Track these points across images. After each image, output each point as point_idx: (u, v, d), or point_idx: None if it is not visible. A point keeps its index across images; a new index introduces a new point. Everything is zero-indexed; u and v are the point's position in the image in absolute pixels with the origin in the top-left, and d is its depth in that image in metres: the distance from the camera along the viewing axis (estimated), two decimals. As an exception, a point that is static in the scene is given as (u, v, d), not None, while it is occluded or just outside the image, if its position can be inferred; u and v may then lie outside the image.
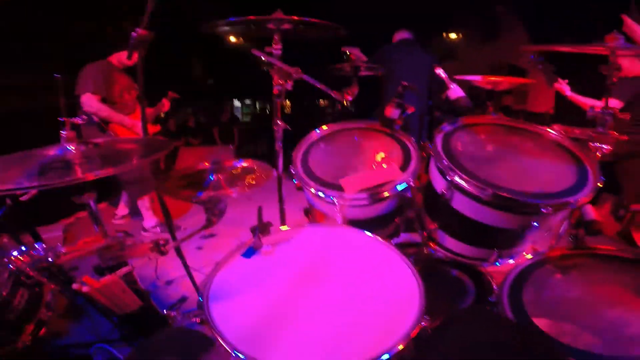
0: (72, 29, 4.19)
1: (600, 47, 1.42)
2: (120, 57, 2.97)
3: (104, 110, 2.85)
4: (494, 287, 1.62)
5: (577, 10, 4.65)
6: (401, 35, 3.74)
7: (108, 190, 3.49)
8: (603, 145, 1.46)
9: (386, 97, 3.35)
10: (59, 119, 1.23)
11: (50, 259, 1.21)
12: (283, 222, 1.83)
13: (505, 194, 1.15)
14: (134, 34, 1.39)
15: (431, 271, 1.59)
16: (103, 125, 2.88)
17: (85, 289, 1.13)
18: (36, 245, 1.23)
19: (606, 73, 1.44)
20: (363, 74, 1.88)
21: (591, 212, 1.34)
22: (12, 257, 1.17)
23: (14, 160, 1.17)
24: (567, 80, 2.88)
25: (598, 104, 1.43)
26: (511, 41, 6.37)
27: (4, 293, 1.14)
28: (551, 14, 5.18)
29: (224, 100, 7.72)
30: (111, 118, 2.89)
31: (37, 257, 1.21)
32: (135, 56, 1.47)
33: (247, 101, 8.31)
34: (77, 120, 1.28)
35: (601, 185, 1.21)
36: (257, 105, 8.30)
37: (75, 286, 1.14)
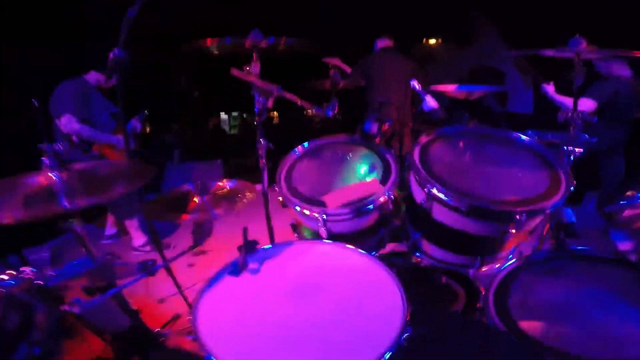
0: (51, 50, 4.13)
1: (564, 52, 1.48)
2: (97, 77, 2.89)
3: (86, 131, 2.75)
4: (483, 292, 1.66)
5: (549, 13, 4.80)
6: (382, 43, 3.80)
7: (94, 212, 3.45)
8: (575, 149, 1.52)
9: (369, 107, 3.39)
10: (39, 145, 1.22)
11: (39, 282, 1.21)
12: (271, 238, 1.85)
13: (480, 204, 1.19)
14: (110, 55, 1.40)
15: (421, 279, 1.61)
16: (86, 147, 2.79)
17: (75, 309, 1.14)
18: (25, 269, 1.23)
19: (572, 77, 1.50)
20: (342, 88, 1.92)
21: (568, 215, 1.39)
22: (1, 281, 1.17)
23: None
24: (552, 82, 2.91)
25: (571, 103, 1.47)
26: (488, 45, 6.53)
27: None
28: (524, 17, 5.33)
29: (211, 113, 7.71)
30: (94, 138, 2.81)
31: (26, 280, 1.21)
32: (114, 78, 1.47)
33: (235, 113, 8.31)
34: (58, 148, 1.27)
35: (573, 189, 1.26)
36: (245, 118, 8.30)
37: (64, 308, 1.14)
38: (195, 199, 1.37)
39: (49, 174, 1.18)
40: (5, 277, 1.20)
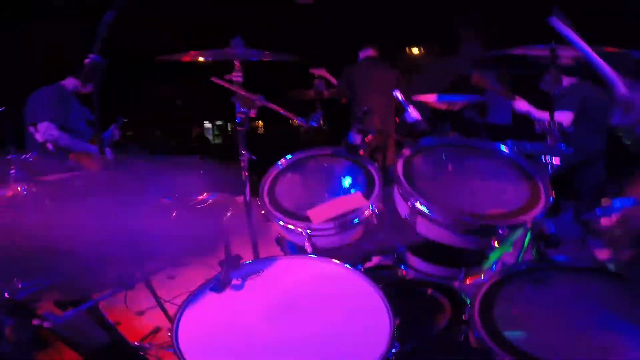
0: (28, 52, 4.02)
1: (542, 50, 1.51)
2: (74, 83, 2.84)
3: (64, 139, 2.69)
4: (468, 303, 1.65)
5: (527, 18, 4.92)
6: (365, 53, 3.83)
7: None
8: (553, 158, 1.55)
9: (352, 118, 3.40)
10: (6, 157, 1.17)
11: (6, 296, 1.16)
12: (255, 251, 1.81)
13: (464, 219, 1.20)
14: (87, 60, 1.36)
15: (407, 291, 1.61)
16: (61, 154, 2.72)
17: (46, 324, 1.09)
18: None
19: (547, 89, 1.53)
20: (326, 98, 1.92)
21: (550, 226, 1.41)
22: None
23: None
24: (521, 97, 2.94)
25: (547, 116, 1.51)
26: (469, 54, 6.66)
27: None
28: (503, 23, 5.45)
29: (193, 122, 7.63)
30: (72, 147, 2.74)
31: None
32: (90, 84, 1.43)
33: (218, 122, 8.24)
34: (28, 159, 1.23)
35: (552, 201, 1.28)
36: (229, 127, 8.24)
37: (35, 322, 1.09)
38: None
39: (16, 187, 1.13)
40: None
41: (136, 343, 1.72)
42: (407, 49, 7.82)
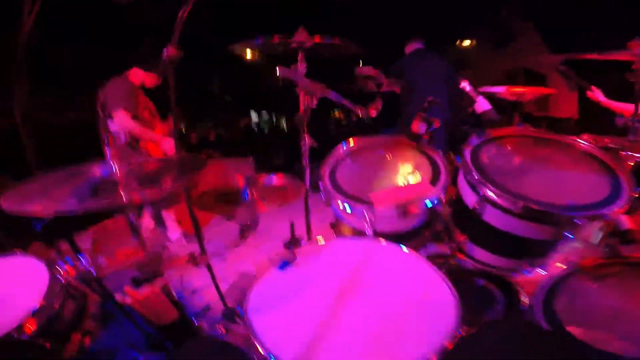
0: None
1: (625, 54, 1.42)
2: (140, 75, 2.94)
3: (137, 128, 2.81)
4: (521, 296, 1.60)
5: (590, 15, 4.58)
6: (413, 46, 3.73)
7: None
8: (635, 154, 1.45)
9: (407, 110, 3.33)
10: (102, 137, 1.28)
11: (93, 272, 1.27)
12: (309, 236, 1.86)
13: (537, 207, 1.15)
14: (164, 54, 1.41)
15: (457, 281, 1.59)
16: (134, 143, 2.85)
17: (128, 300, 1.18)
18: (80, 258, 1.28)
19: (634, 80, 1.43)
20: (385, 90, 1.91)
21: (626, 222, 1.32)
22: (62, 271, 1.23)
23: (62, 178, 1.23)
24: (596, 87, 2.74)
25: (632, 108, 1.41)
26: (525, 46, 6.31)
27: (56, 305, 1.19)
28: (563, 17, 5.11)
29: (241, 113, 7.86)
30: (142, 135, 2.86)
31: (82, 270, 1.27)
32: (159, 77, 1.47)
33: (265, 114, 8.45)
34: (121, 140, 1.33)
35: (636, 195, 1.20)
36: (274, 118, 8.41)
37: (118, 298, 1.19)
38: (246, 194, 1.40)
39: (112, 166, 1.24)
40: (65, 267, 1.27)
41: (196, 322, 1.81)
42: (457, 42, 7.54)
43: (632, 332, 1.00)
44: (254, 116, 8.14)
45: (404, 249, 1.27)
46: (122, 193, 1.16)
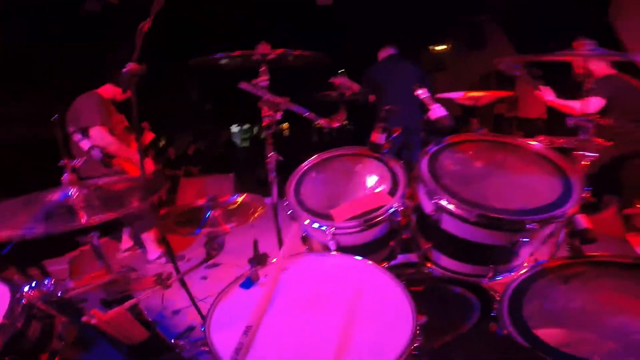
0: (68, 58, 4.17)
1: (573, 55, 1.47)
2: (110, 90, 2.85)
3: (114, 144, 2.70)
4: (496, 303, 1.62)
5: (556, 17, 4.76)
6: (386, 52, 3.78)
7: (110, 226, 3.50)
8: (587, 153, 1.49)
9: (377, 116, 3.38)
10: (59, 163, 1.27)
11: (59, 294, 1.26)
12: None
13: (490, 214, 1.18)
14: (124, 69, 1.37)
15: (434, 290, 1.60)
16: (107, 160, 2.74)
17: (93, 321, 1.17)
18: (45, 281, 1.27)
19: (580, 80, 1.48)
20: (349, 99, 1.94)
21: (582, 222, 1.35)
22: (24, 292, 1.22)
23: (19, 204, 1.23)
24: (548, 87, 2.82)
25: (578, 105, 1.45)
26: (496, 48, 6.49)
27: (19, 325, 1.19)
28: (531, 21, 5.29)
29: (221, 126, 7.84)
30: (119, 152, 2.76)
31: (47, 292, 1.26)
32: (129, 91, 1.46)
33: (246, 126, 8.42)
34: (77, 163, 1.31)
35: (586, 195, 1.24)
36: (255, 130, 8.39)
37: (84, 319, 1.17)
38: (208, 214, 1.39)
39: (69, 190, 1.23)
40: (27, 289, 1.25)
41: (172, 340, 1.79)
42: (430, 47, 7.71)
43: (601, 333, 1.00)
44: (234, 128, 8.13)
45: (365, 261, 1.28)
46: (81, 215, 1.15)
